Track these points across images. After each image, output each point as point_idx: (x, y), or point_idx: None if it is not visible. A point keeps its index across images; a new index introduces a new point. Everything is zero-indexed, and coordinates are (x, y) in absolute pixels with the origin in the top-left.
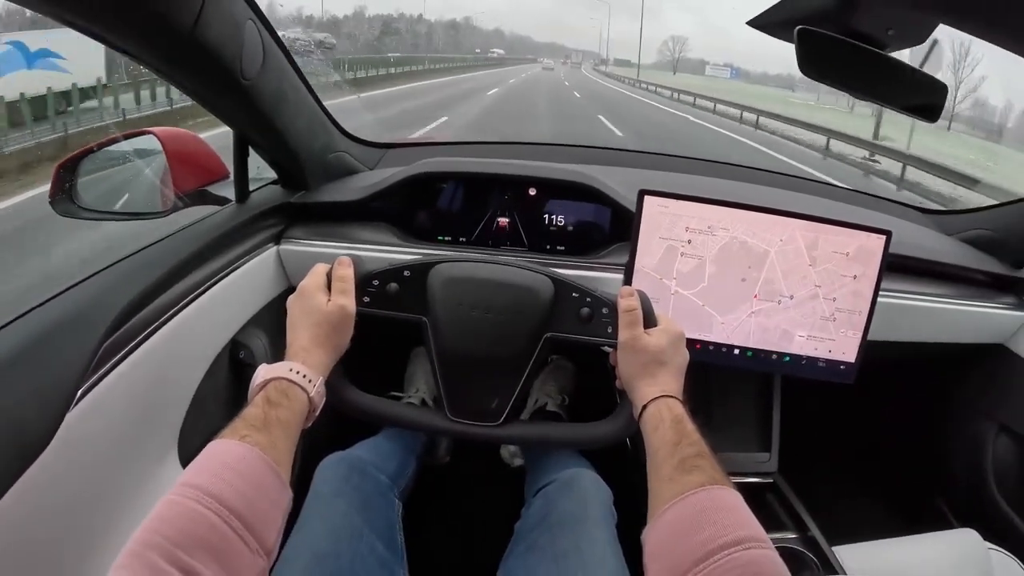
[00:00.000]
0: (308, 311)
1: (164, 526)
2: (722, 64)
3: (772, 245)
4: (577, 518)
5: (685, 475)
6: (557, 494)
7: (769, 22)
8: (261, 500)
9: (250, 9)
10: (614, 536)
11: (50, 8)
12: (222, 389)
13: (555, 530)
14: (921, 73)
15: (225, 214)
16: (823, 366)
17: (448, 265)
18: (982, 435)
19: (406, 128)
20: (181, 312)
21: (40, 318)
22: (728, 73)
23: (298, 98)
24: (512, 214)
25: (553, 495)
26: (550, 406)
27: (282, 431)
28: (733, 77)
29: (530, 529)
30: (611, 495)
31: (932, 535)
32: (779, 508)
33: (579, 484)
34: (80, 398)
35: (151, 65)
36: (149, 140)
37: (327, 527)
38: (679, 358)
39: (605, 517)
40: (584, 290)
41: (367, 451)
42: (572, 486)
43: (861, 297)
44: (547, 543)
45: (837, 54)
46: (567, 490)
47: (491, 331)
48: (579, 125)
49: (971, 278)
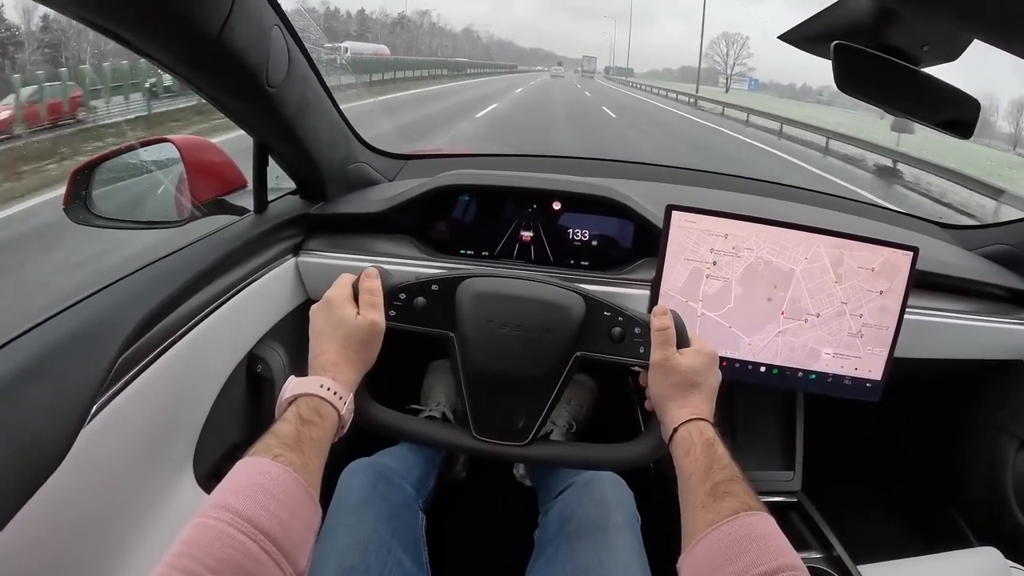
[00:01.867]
0: (335, 324)
1: (198, 551)
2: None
3: (797, 263)
4: (598, 526)
5: (718, 502)
6: (575, 499)
7: (802, 36)
8: (295, 522)
9: (276, 15)
10: (639, 542)
11: (75, 10)
12: (239, 404)
13: (574, 541)
14: (954, 89)
15: (243, 224)
16: (849, 384)
17: (477, 280)
18: (1002, 451)
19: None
20: (198, 325)
21: (55, 330)
22: (748, 85)
23: (320, 107)
24: (536, 228)
25: (572, 500)
26: (554, 435)
27: (315, 450)
28: (752, 89)
29: (549, 539)
30: (633, 497)
31: (954, 553)
32: (803, 527)
33: (598, 486)
34: (95, 413)
35: (175, 71)
36: (167, 148)
37: (355, 538)
38: (712, 379)
39: (628, 522)
40: (616, 308)
41: (392, 459)
42: (591, 488)
43: (888, 312)
44: (567, 556)
45: (873, 70)
46: (586, 493)
47: (520, 348)
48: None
49: (991, 293)
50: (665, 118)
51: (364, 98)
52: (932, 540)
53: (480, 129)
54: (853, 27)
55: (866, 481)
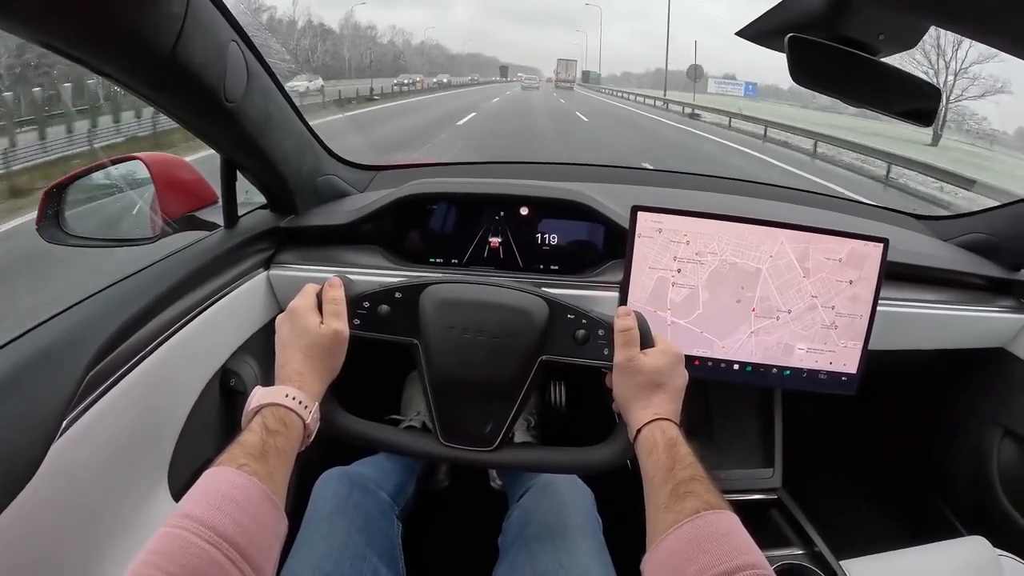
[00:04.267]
0: (300, 333)
1: (162, 559)
2: (728, 77)
3: (762, 262)
4: (555, 531)
5: (679, 502)
6: (533, 503)
7: (759, 32)
8: (259, 531)
9: (233, 30)
10: (600, 544)
11: (27, 31)
12: (212, 417)
13: (533, 546)
14: (914, 78)
15: (214, 240)
16: (824, 378)
17: (440, 286)
18: (986, 440)
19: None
20: (170, 340)
21: (23, 347)
22: (743, 89)
23: (285, 120)
24: (504, 234)
25: (529, 505)
26: (518, 436)
27: (279, 460)
28: (750, 94)
29: (510, 544)
30: (592, 497)
31: (941, 544)
32: (784, 524)
33: (554, 489)
34: (66, 428)
35: (133, 88)
36: (136, 165)
37: (329, 546)
38: (677, 379)
39: (588, 523)
40: (579, 311)
41: (368, 468)
42: (547, 492)
43: (860, 301)
44: (526, 561)
45: (829, 61)
46: (543, 497)
47: (484, 354)
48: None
49: (969, 282)
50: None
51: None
52: (919, 532)
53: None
54: (808, 19)
55: (850, 476)
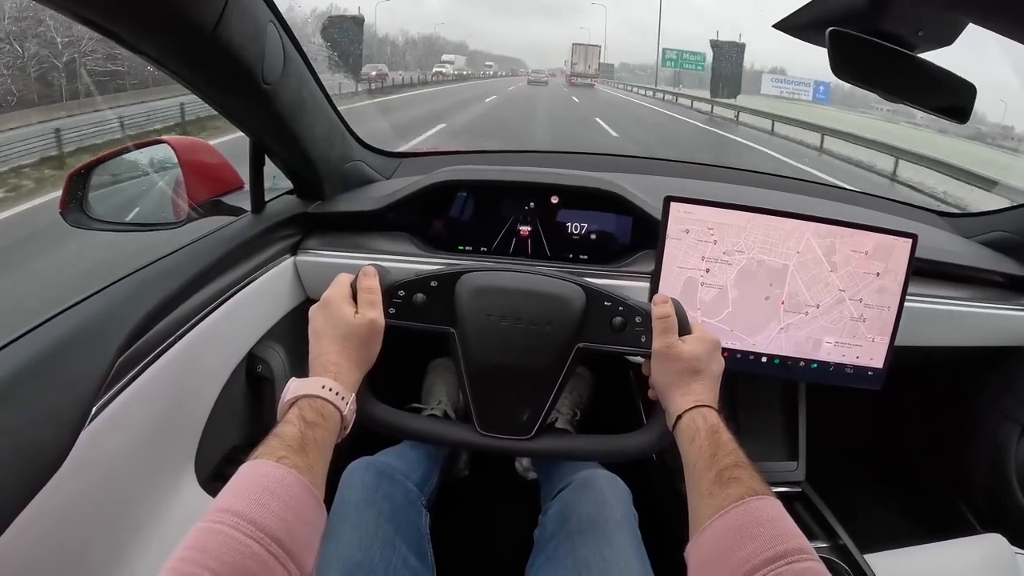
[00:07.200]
0: (335, 323)
1: (202, 555)
2: (776, 72)
3: (790, 259)
4: (597, 523)
5: (723, 488)
6: (574, 497)
7: (797, 24)
8: (300, 524)
9: (271, 12)
10: (638, 539)
11: (68, 6)
12: (239, 404)
13: (575, 538)
14: (950, 74)
15: (241, 225)
16: (851, 372)
17: (476, 274)
18: (1004, 438)
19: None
20: (197, 326)
21: (52, 332)
22: (811, 91)
23: (317, 105)
24: (534, 223)
25: (570, 499)
26: (560, 423)
27: (318, 452)
28: (820, 99)
29: (549, 537)
30: (630, 493)
31: (960, 541)
32: (808, 517)
33: (595, 485)
34: (95, 415)
35: (170, 69)
36: (163, 149)
37: (358, 536)
38: (715, 366)
39: (627, 518)
40: (617, 298)
41: (394, 458)
42: (588, 487)
43: (888, 293)
44: (567, 553)
45: (869, 55)
46: (584, 492)
47: (522, 342)
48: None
49: (990, 280)
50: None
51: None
52: (937, 528)
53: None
54: (848, 13)
55: (870, 470)
